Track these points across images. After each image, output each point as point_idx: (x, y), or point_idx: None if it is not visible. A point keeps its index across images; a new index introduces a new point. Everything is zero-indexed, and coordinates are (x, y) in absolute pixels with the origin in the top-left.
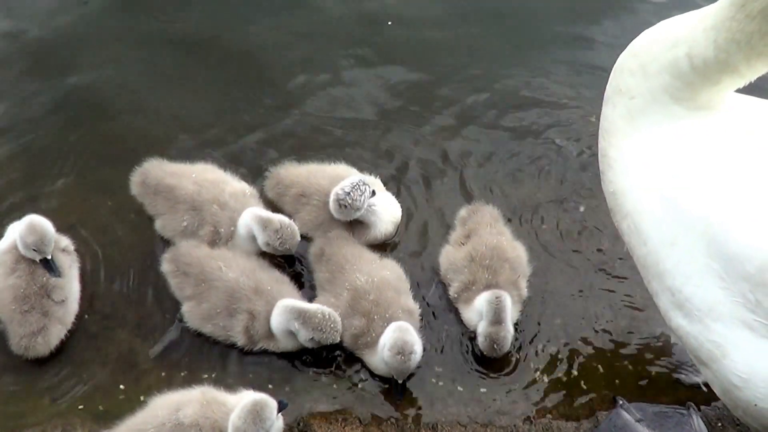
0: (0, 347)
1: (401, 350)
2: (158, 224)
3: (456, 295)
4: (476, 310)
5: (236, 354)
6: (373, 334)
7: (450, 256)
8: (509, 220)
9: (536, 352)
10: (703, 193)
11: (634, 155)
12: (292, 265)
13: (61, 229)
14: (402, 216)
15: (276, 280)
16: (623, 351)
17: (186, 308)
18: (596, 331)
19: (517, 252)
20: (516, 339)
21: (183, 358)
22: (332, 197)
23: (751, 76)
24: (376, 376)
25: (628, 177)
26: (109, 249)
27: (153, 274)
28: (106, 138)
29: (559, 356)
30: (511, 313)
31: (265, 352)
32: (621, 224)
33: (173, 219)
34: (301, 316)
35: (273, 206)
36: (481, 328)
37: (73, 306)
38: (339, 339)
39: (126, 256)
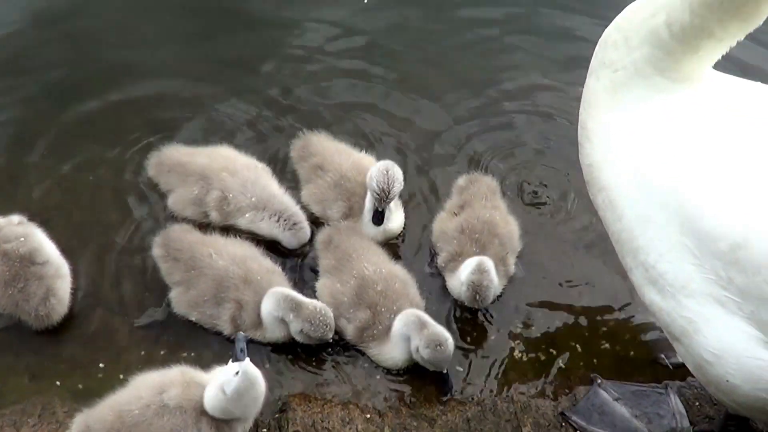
0: None
1: (438, 341)
2: (170, 201)
3: (443, 264)
4: (458, 277)
5: (215, 332)
6: (380, 327)
7: (442, 224)
8: (505, 194)
9: (514, 330)
10: (678, 171)
11: (614, 129)
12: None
13: (41, 207)
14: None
15: (267, 270)
16: (601, 330)
17: (174, 294)
18: (574, 310)
19: (510, 227)
20: (493, 317)
21: (162, 336)
22: (376, 182)
23: (728, 40)
24: (356, 357)
25: (606, 151)
26: (89, 227)
27: (133, 252)
28: (86, 116)
29: (537, 335)
30: (494, 273)
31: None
32: (596, 198)
33: (184, 191)
34: (295, 306)
35: (292, 173)
36: (464, 277)
37: (60, 260)
38: (330, 337)
39: (106, 234)
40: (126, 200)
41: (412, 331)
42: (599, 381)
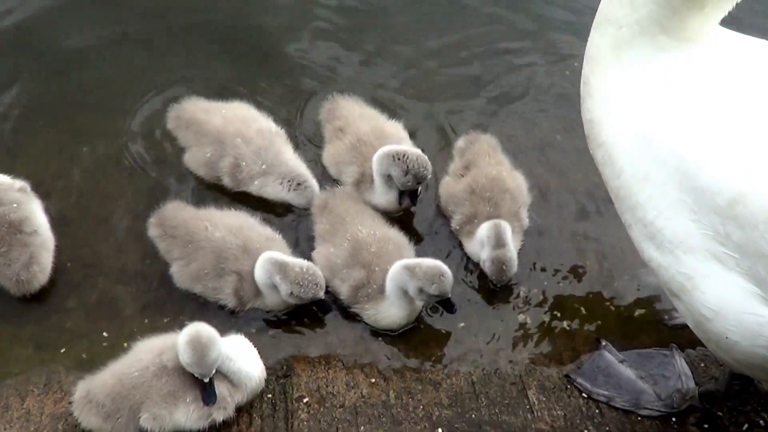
0: None
1: (436, 273)
2: (186, 157)
3: (458, 227)
4: (478, 241)
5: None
6: (374, 286)
7: (450, 187)
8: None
9: (518, 293)
10: (678, 128)
11: (615, 86)
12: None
13: (40, 178)
14: None
15: (266, 238)
16: (606, 293)
17: (174, 269)
18: (579, 273)
19: (517, 182)
20: None
21: (166, 304)
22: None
23: None
24: (360, 322)
25: (607, 107)
26: (89, 197)
27: (134, 221)
28: (82, 87)
29: (542, 298)
30: (512, 240)
31: None
32: (596, 153)
33: (198, 151)
34: (281, 268)
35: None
36: (486, 254)
37: (48, 234)
38: (321, 295)
39: (106, 204)
40: (126, 169)
41: (405, 277)
42: (604, 343)
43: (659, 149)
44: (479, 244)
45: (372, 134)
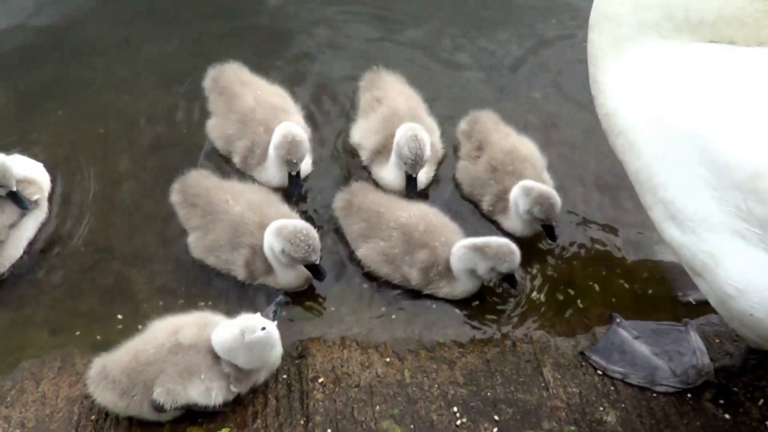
0: None
1: (507, 250)
2: (209, 123)
3: (491, 208)
4: (513, 208)
5: (234, 282)
6: (441, 262)
7: (469, 171)
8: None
9: (531, 271)
10: (693, 105)
11: (623, 76)
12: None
13: (54, 161)
14: None
15: (284, 216)
16: (619, 269)
17: (191, 239)
18: (592, 249)
19: (530, 146)
20: None
21: (180, 286)
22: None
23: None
24: (373, 302)
25: (619, 98)
26: (102, 181)
27: (146, 204)
28: (96, 70)
29: (555, 275)
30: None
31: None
32: (615, 143)
33: (223, 123)
34: (278, 230)
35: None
36: (527, 199)
37: (11, 251)
38: (314, 260)
39: (119, 188)
40: (140, 152)
41: (476, 258)
42: (618, 320)
43: (676, 126)
44: (514, 211)
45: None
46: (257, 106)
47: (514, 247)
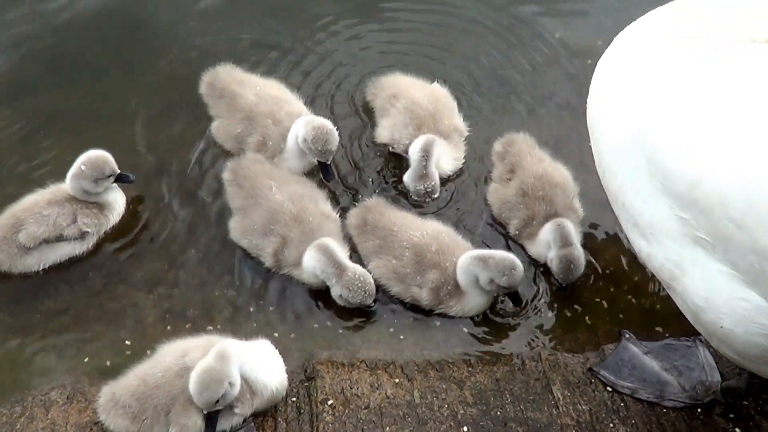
0: (5, 309)
1: (509, 264)
2: (214, 126)
3: (517, 232)
4: (543, 243)
5: (242, 305)
6: (451, 281)
7: (500, 194)
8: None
9: (539, 289)
10: (642, 112)
11: (605, 81)
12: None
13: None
14: None
15: (321, 213)
16: (627, 285)
17: (232, 222)
18: (598, 266)
19: (563, 173)
20: None
21: (187, 310)
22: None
23: None
24: (381, 322)
25: (597, 102)
26: None
27: (155, 228)
28: (100, 96)
29: (563, 292)
30: (576, 236)
31: (272, 296)
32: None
33: (229, 124)
34: (335, 268)
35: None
36: (553, 254)
37: (29, 261)
38: (371, 303)
39: (126, 210)
40: (143, 178)
41: (478, 268)
42: (627, 335)
43: (629, 133)
44: (544, 245)
45: (426, 98)
46: (260, 101)
47: (517, 263)
